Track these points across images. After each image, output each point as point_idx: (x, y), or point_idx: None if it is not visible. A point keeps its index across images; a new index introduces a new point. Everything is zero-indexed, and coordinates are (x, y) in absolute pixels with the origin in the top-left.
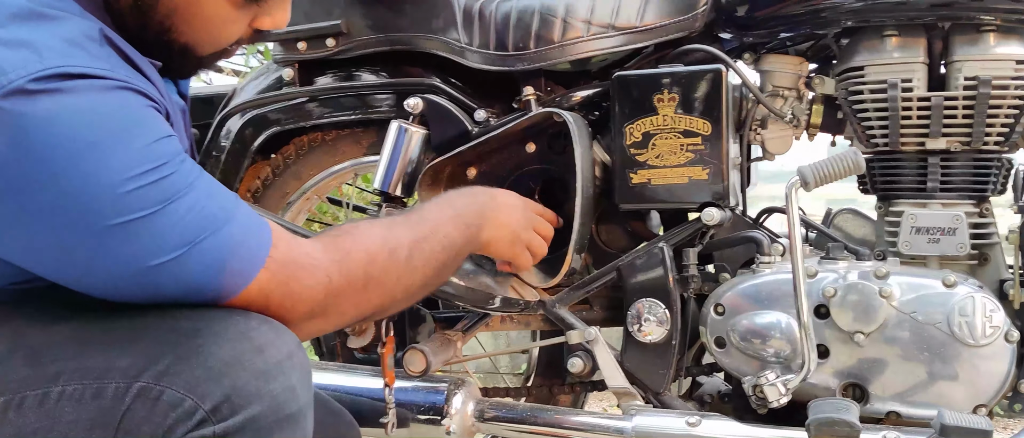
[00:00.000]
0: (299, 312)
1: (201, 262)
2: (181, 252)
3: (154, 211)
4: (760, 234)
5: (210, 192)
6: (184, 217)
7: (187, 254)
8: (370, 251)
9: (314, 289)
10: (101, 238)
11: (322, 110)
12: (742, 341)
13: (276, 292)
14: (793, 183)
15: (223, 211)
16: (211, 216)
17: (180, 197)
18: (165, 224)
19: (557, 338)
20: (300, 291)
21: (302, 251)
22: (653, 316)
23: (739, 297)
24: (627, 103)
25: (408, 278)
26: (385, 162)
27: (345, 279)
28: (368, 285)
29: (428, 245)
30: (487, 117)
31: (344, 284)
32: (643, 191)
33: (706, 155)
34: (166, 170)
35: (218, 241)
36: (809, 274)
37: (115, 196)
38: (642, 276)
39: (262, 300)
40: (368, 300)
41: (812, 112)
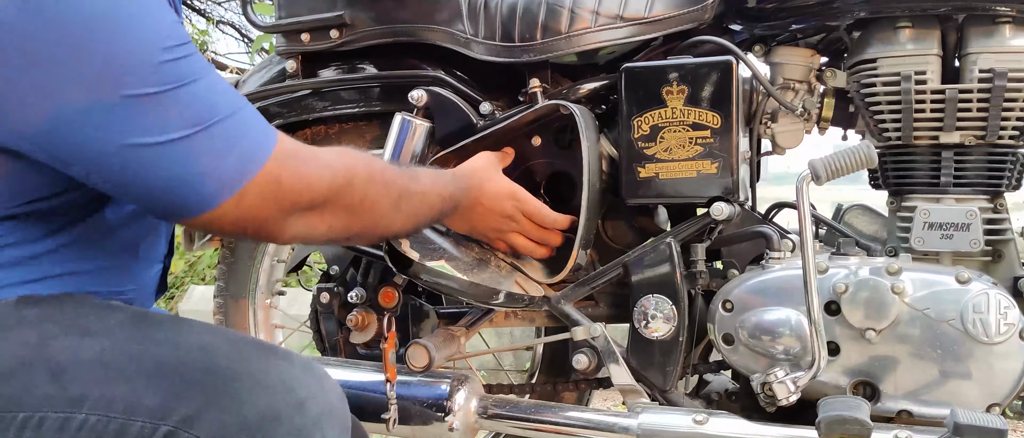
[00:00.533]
0: (305, 199)
1: (211, 145)
2: (193, 131)
3: (174, 87)
4: (770, 229)
5: (219, 81)
6: (200, 98)
7: (200, 135)
8: (372, 172)
9: (322, 178)
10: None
11: (325, 103)
12: (751, 338)
13: (286, 176)
14: (804, 176)
15: (232, 99)
16: (222, 103)
17: (197, 79)
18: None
19: (562, 334)
20: (308, 176)
21: (307, 148)
22: (660, 312)
23: (748, 293)
24: (635, 96)
25: (391, 217)
26: (389, 156)
27: (346, 181)
28: (364, 200)
29: (415, 200)
30: (492, 110)
31: (345, 185)
32: (651, 185)
33: (715, 149)
34: (188, 50)
35: (228, 126)
36: (820, 270)
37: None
38: (649, 272)
39: (273, 185)
40: (359, 216)
41: (823, 105)
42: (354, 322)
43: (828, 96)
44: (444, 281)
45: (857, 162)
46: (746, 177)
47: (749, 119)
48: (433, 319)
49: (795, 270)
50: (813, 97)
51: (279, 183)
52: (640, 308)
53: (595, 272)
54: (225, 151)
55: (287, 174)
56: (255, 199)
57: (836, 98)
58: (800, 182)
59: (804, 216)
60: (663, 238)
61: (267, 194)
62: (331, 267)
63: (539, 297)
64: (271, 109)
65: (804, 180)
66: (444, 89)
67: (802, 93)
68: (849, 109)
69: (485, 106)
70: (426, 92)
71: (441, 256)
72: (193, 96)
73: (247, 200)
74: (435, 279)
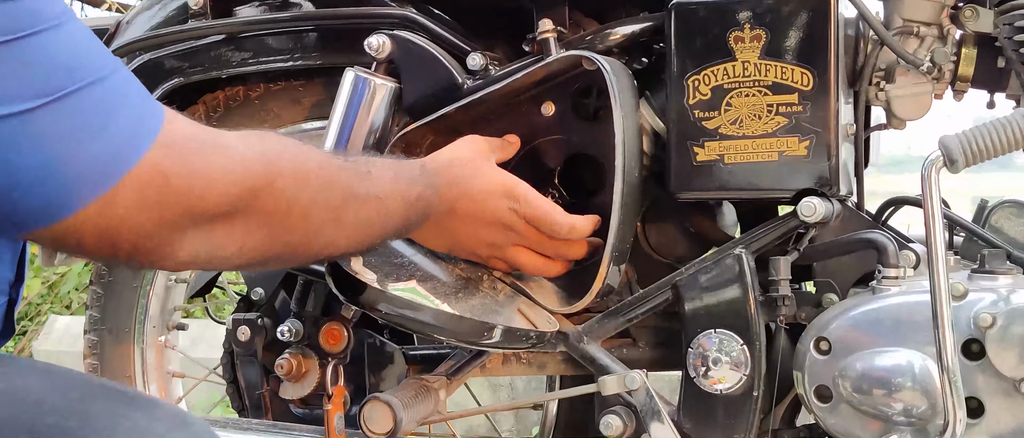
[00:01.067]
0: (204, 205)
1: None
2: (38, 104)
3: (10, 38)
4: (883, 236)
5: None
6: (50, 56)
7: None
8: (305, 171)
9: (229, 174)
10: None
11: (245, 54)
12: (856, 392)
13: (176, 171)
14: (933, 161)
15: (99, 58)
16: (85, 64)
17: (47, 27)
18: (23, 59)
19: (585, 387)
20: (209, 172)
21: (209, 131)
22: (726, 356)
23: (852, 328)
24: (690, 44)
25: (331, 231)
26: (337, 128)
27: (266, 180)
28: (292, 210)
29: (368, 207)
30: (485, 64)
31: (264, 186)
32: (712, 174)
33: (805, 120)
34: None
35: (93, 97)
36: (956, 295)
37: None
38: (710, 298)
39: (159, 180)
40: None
41: (960, 59)
42: (286, 369)
43: (967, 46)
44: (414, 313)
45: (1009, 140)
46: (849, 162)
47: (854, 78)
48: (400, 365)
49: (920, 295)
50: (946, 47)
51: (165, 181)
52: (697, 349)
53: (633, 297)
54: (87, 133)
55: (178, 168)
56: (130, 203)
57: (978, 49)
58: (928, 169)
59: (933, 217)
60: (730, 249)
61: (148, 196)
62: (253, 290)
63: (552, 333)
64: (166, 63)
65: (933, 166)
66: (415, 34)
67: (930, 41)
68: (997, 64)
69: (475, 58)
70: (390, 38)
71: (409, 275)
72: (40, 52)
73: (118, 204)
74: (400, 311)
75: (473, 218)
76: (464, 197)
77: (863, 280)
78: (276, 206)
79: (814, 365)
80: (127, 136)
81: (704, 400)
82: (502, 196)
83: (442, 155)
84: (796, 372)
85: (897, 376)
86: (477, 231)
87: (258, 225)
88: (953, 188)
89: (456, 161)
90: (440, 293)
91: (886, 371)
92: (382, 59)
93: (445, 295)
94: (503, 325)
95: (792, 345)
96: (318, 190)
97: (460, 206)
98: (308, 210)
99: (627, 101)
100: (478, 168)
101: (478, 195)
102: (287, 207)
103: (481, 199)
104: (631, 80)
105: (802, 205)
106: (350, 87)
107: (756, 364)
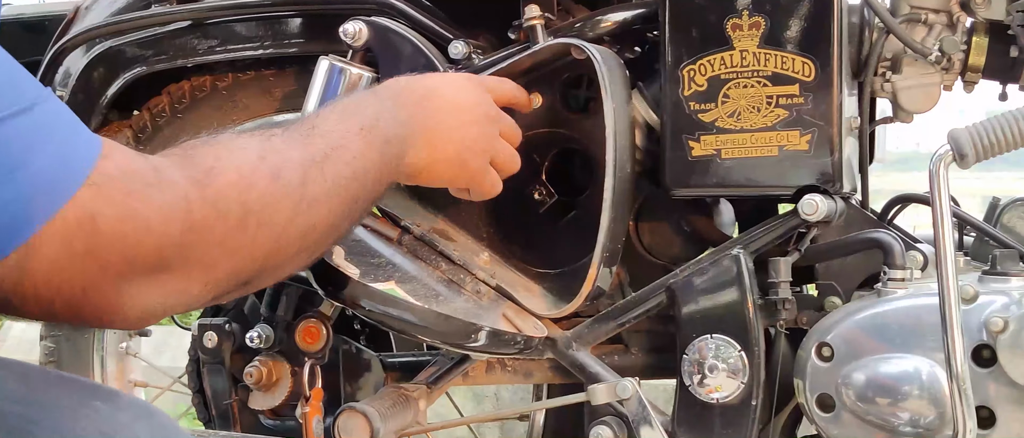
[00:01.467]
0: (146, 250)
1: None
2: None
3: None
4: (889, 236)
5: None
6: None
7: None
8: (243, 171)
9: (166, 213)
10: None
11: (212, 42)
12: (860, 401)
13: (108, 214)
14: (942, 156)
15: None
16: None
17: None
18: None
19: (574, 396)
20: (146, 214)
21: (146, 164)
22: (723, 362)
23: (857, 333)
24: (685, 32)
25: (306, 215)
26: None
27: (212, 208)
28: (246, 221)
29: (331, 168)
30: (468, 53)
31: (211, 215)
32: (708, 169)
33: (807, 113)
34: None
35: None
36: (965, 298)
37: None
38: (706, 301)
39: (88, 226)
40: (250, 245)
41: (971, 48)
42: (256, 377)
43: (978, 34)
44: (398, 311)
45: (1022, 134)
46: (853, 157)
47: (858, 68)
48: (377, 372)
49: (928, 298)
50: (956, 35)
51: (95, 227)
52: (693, 355)
53: (624, 301)
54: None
55: (110, 211)
56: (56, 254)
57: (990, 37)
58: (936, 164)
59: (941, 215)
60: (727, 249)
61: (76, 246)
62: None
63: (539, 338)
64: (128, 51)
65: (942, 161)
66: (394, 20)
67: (939, 29)
68: (1010, 54)
69: (457, 47)
70: (366, 25)
71: (388, 276)
72: None
73: (42, 256)
74: (384, 308)
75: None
76: (445, 110)
77: (868, 282)
78: (227, 233)
79: (816, 372)
80: (50, 176)
81: (700, 410)
82: (477, 102)
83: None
84: (797, 380)
85: (904, 384)
86: (467, 137)
87: (214, 257)
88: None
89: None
90: (420, 295)
91: (892, 379)
92: (358, 47)
93: (425, 297)
94: (488, 327)
95: (793, 351)
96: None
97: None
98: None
99: (619, 92)
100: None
101: (457, 105)
102: (240, 221)
103: (461, 106)
104: (623, 70)
105: (803, 203)
106: (324, 77)
107: (755, 371)
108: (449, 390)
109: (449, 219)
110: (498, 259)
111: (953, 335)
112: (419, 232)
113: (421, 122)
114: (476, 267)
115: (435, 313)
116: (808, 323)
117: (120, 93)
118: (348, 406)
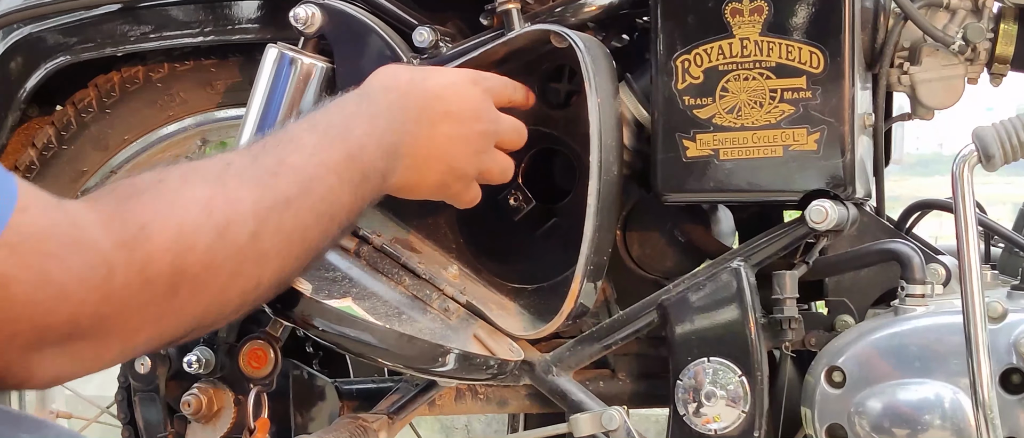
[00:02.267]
0: (60, 320)
1: None
2: None
3: None
4: (907, 247)
5: None
6: None
7: None
8: (183, 230)
9: (85, 280)
10: None
11: (145, 27)
12: (875, 432)
13: (22, 279)
14: (966, 157)
15: None
16: None
17: None
18: None
19: (554, 428)
20: (62, 280)
21: (67, 219)
22: (721, 389)
23: (871, 356)
24: (679, 18)
25: (251, 273)
26: (256, 116)
27: (138, 274)
28: (178, 287)
29: (291, 216)
30: (435, 40)
31: (136, 282)
32: (705, 172)
33: (815, 109)
34: None
35: None
36: (993, 316)
37: None
38: (703, 320)
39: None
40: (178, 311)
41: (998, 36)
42: (194, 407)
43: (1006, 20)
44: (355, 331)
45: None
46: (866, 159)
47: (873, 59)
48: (332, 401)
49: (950, 317)
50: (981, 22)
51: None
52: (688, 381)
53: (611, 320)
54: None
55: (23, 275)
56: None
57: (1019, 24)
58: (959, 166)
59: (966, 224)
60: (726, 262)
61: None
62: None
63: (515, 362)
64: (50, 38)
65: (966, 163)
66: (351, 4)
67: (962, 15)
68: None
69: (422, 33)
70: (320, 9)
71: (344, 292)
72: None
73: None
74: (340, 328)
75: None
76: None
77: (883, 299)
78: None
79: (826, 400)
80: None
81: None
82: (470, 83)
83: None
84: (804, 409)
85: (924, 413)
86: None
87: (135, 327)
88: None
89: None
90: (380, 313)
91: (911, 407)
92: (311, 34)
93: (386, 316)
94: (458, 350)
95: (800, 377)
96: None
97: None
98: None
99: (604, 85)
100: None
101: (451, 114)
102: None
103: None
104: (609, 60)
105: (811, 210)
106: (273, 67)
107: (757, 399)
108: (413, 421)
109: (414, 228)
110: (469, 273)
111: (979, 358)
112: (379, 243)
113: (413, 139)
114: (444, 282)
115: (397, 334)
116: (817, 344)
117: (41, 85)
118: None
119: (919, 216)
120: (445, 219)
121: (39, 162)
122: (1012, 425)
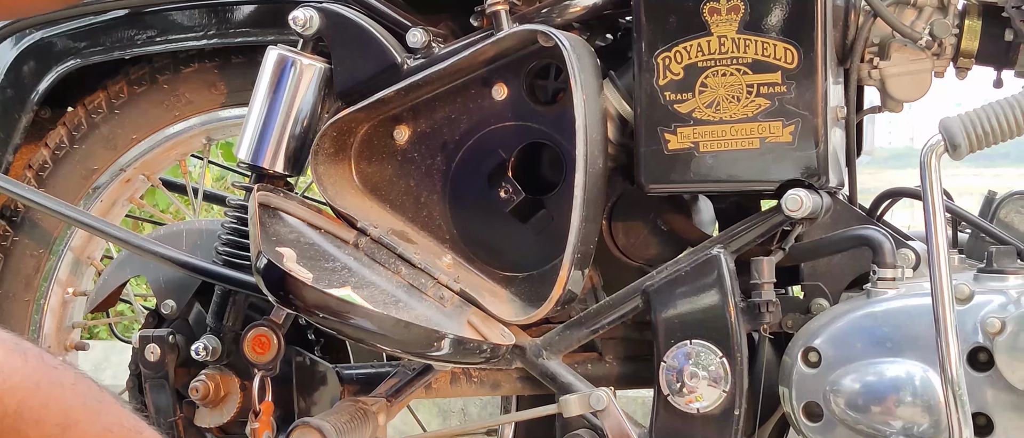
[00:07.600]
0: None
1: None
2: None
3: None
4: (878, 233)
5: None
6: None
7: None
8: None
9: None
10: None
11: (150, 32)
12: (850, 409)
13: None
14: (933, 146)
15: None
16: None
17: None
18: None
19: (545, 408)
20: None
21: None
22: (703, 370)
23: (845, 337)
24: (660, 17)
25: None
26: (258, 116)
27: None
28: None
29: None
30: (428, 41)
31: None
32: (686, 164)
33: (790, 102)
34: None
35: None
36: (960, 297)
37: None
38: (685, 305)
39: None
40: None
41: (963, 32)
42: (202, 392)
43: (971, 17)
44: (354, 318)
45: (1018, 122)
46: (839, 149)
47: (844, 55)
48: (334, 386)
49: (920, 299)
50: (947, 18)
51: None
52: (671, 363)
53: (598, 306)
54: None
55: None
56: None
57: (983, 20)
58: (927, 155)
59: (934, 210)
60: (707, 249)
61: None
62: (163, 303)
63: (507, 346)
64: (60, 43)
65: (933, 152)
66: (348, 7)
67: (929, 12)
68: (1005, 38)
69: (416, 34)
70: (318, 12)
71: (346, 281)
72: None
73: None
74: (339, 315)
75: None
76: None
77: (856, 283)
78: None
79: (802, 379)
80: None
81: (679, 421)
82: None
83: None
84: (782, 388)
85: (895, 390)
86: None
87: None
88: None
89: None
90: (378, 301)
91: (883, 385)
92: (309, 36)
93: (384, 303)
94: (452, 335)
95: (777, 357)
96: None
97: None
98: None
99: (590, 82)
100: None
101: None
102: None
103: None
104: (594, 58)
105: (787, 198)
106: (273, 68)
107: (737, 379)
108: (411, 404)
109: (409, 220)
110: (462, 262)
111: (947, 338)
112: (377, 234)
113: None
114: (438, 271)
115: (394, 320)
116: (793, 327)
117: (53, 88)
118: (302, 422)
119: (890, 204)
120: (439, 211)
121: (52, 161)
122: (979, 401)
